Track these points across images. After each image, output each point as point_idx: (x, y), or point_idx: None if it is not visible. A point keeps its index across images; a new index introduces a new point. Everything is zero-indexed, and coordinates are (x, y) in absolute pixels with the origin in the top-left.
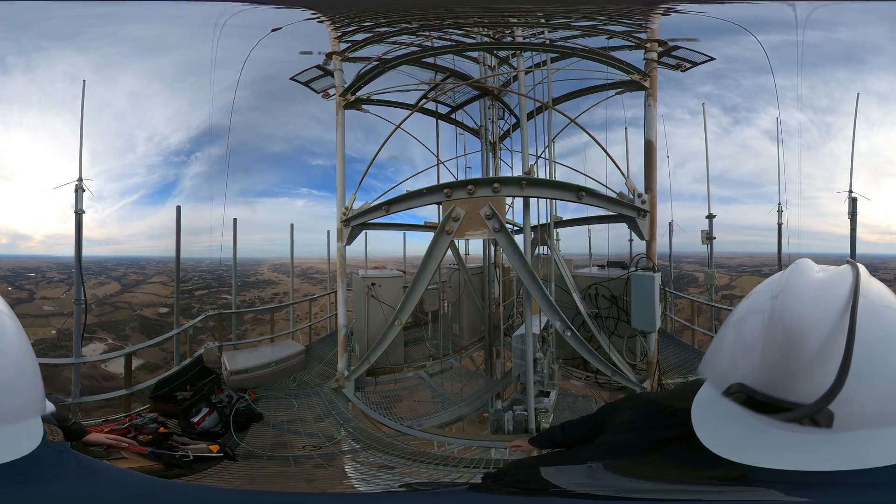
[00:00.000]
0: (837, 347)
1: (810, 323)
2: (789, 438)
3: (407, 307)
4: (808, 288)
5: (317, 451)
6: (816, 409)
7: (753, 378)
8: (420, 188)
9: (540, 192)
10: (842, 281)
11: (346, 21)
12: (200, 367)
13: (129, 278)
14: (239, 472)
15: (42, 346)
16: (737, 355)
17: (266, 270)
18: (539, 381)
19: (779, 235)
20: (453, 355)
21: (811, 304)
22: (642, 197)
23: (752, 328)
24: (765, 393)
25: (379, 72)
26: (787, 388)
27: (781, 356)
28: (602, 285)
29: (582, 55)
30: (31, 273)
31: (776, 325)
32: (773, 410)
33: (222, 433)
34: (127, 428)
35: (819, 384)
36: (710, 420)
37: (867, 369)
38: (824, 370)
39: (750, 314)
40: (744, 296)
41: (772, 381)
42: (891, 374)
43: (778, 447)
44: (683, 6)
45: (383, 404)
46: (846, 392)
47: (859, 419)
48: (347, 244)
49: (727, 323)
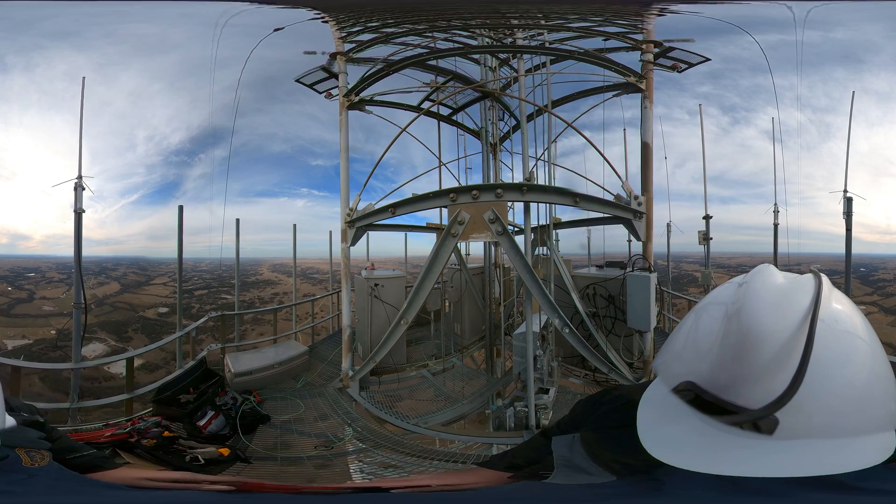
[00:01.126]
0: (793, 356)
1: (768, 329)
2: (726, 442)
3: (413, 306)
4: (769, 293)
5: (329, 450)
6: (763, 414)
7: (704, 378)
8: (427, 192)
9: (539, 198)
10: (803, 289)
11: (352, 21)
12: (203, 370)
13: (129, 279)
14: (250, 474)
15: (41, 346)
16: (691, 354)
17: (266, 270)
18: (539, 378)
19: (775, 235)
20: (455, 354)
21: (770, 309)
22: (638, 199)
23: (709, 328)
24: (714, 394)
25: (384, 74)
26: (736, 391)
27: (735, 359)
28: (600, 285)
29: (579, 58)
30: (31, 273)
31: (734, 327)
32: (720, 412)
33: (230, 436)
34: (129, 432)
35: (770, 391)
36: (654, 416)
37: (820, 380)
38: (777, 377)
39: (708, 314)
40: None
41: (723, 382)
42: (841, 388)
43: (712, 451)
44: (678, 6)
45: (388, 403)
46: (796, 401)
47: (804, 429)
48: (351, 245)
49: (685, 321)
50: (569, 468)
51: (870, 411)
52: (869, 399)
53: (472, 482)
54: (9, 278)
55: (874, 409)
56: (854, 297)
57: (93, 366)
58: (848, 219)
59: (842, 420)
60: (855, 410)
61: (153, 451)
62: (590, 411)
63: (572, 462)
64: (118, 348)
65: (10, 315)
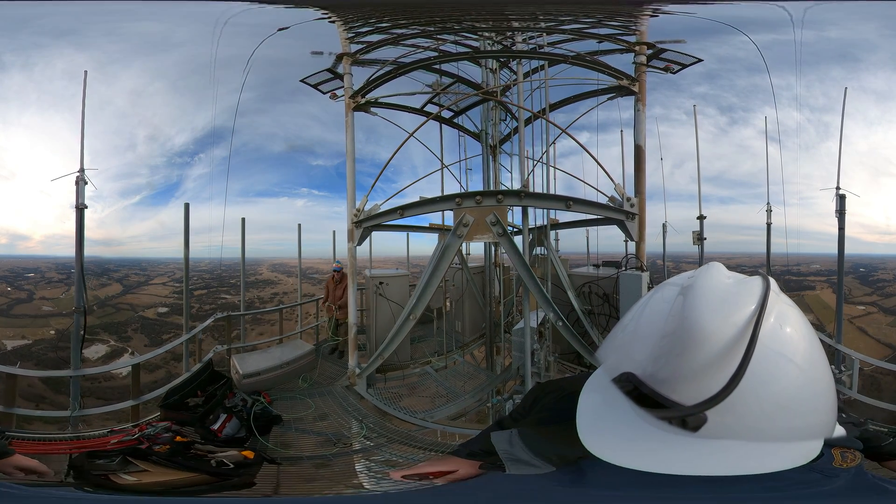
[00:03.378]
0: (732, 358)
1: (710, 329)
2: (655, 437)
3: (421, 302)
4: (715, 293)
5: (347, 447)
6: (695, 411)
7: (645, 371)
8: (434, 196)
9: (535, 203)
10: (750, 292)
11: (361, 22)
12: (210, 372)
13: (130, 279)
14: (270, 477)
15: (41, 346)
16: (634, 346)
17: (265, 270)
18: (536, 372)
19: (768, 235)
20: (457, 351)
21: (714, 310)
22: (631, 201)
23: (653, 322)
24: (651, 387)
25: (392, 76)
26: (673, 386)
27: (676, 355)
28: (595, 283)
29: (573, 62)
30: (31, 273)
31: (677, 323)
32: (655, 406)
33: (247, 438)
34: (138, 439)
35: (705, 389)
36: (594, 404)
37: (757, 383)
38: (713, 377)
39: (654, 307)
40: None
41: (661, 377)
42: (777, 393)
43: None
44: (670, 6)
45: (394, 400)
46: (729, 401)
47: (731, 430)
48: (358, 245)
49: (631, 312)
50: (515, 461)
51: (799, 419)
52: (798, 408)
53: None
54: (8, 278)
55: (803, 419)
56: (854, 297)
57: (92, 373)
58: (840, 216)
59: (770, 425)
60: (784, 416)
61: (171, 458)
62: (536, 401)
63: (514, 455)
64: (118, 348)
65: (10, 315)
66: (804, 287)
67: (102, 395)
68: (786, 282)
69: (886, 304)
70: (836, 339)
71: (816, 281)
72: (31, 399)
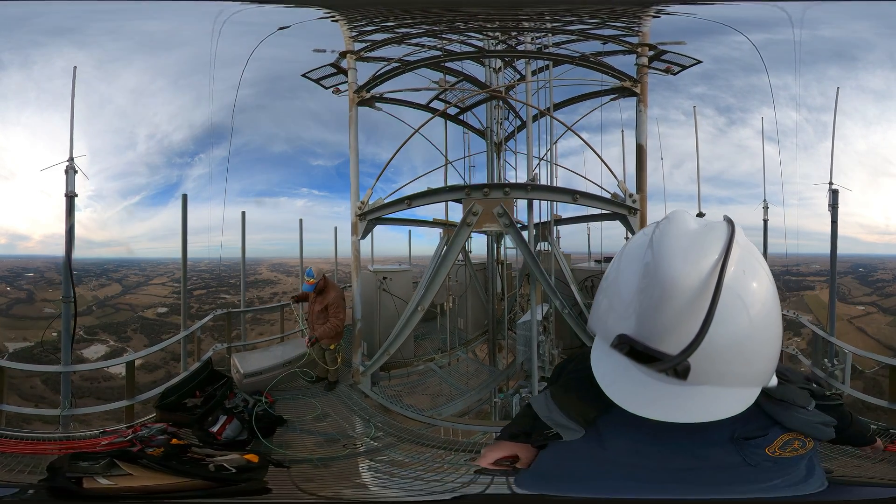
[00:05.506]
0: (704, 302)
1: (680, 276)
2: (656, 388)
3: (430, 293)
4: (682, 240)
5: (357, 448)
6: (677, 361)
7: (633, 329)
8: (442, 186)
9: (542, 196)
10: (715, 235)
11: (365, 21)
12: (209, 371)
13: (129, 280)
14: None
15: (42, 348)
16: (618, 307)
17: (265, 270)
18: (541, 366)
19: (764, 232)
20: (460, 348)
21: (682, 257)
22: (633, 197)
23: (629, 280)
24: (644, 343)
25: (398, 72)
26: (661, 338)
27: (654, 308)
28: (597, 278)
29: (578, 63)
30: (30, 273)
31: (650, 277)
32: (650, 361)
33: (248, 441)
34: (130, 440)
35: (686, 337)
36: (607, 371)
37: (716, 323)
38: (690, 324)
39: (626, 265)
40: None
41: (648, 332)
42: (730, 334)
43: (651, 396)
44: (672, 7)
45: (399, 397)
46: (703, 348)
47: (709, 375)
48: (362, 238)
49: (606, 275)
50: (558, 425)
51: (743, 365)
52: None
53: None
54: (7, 279)
55: (747, 364)
56: (853, 297)
57: (84, 370)
58: (833, 210)
59: (724, 368)
60: (733, 361)
61: (163, 462)
62: (561, 371)
63: (554, 419)
64: (118, 348)
65: (10, 315)
66: (803, 287)
67: (102, 396)
68: (785, 282)
69: (886, 305)
70: (829, 332)
71: (816, 281)
72: (31, 399)
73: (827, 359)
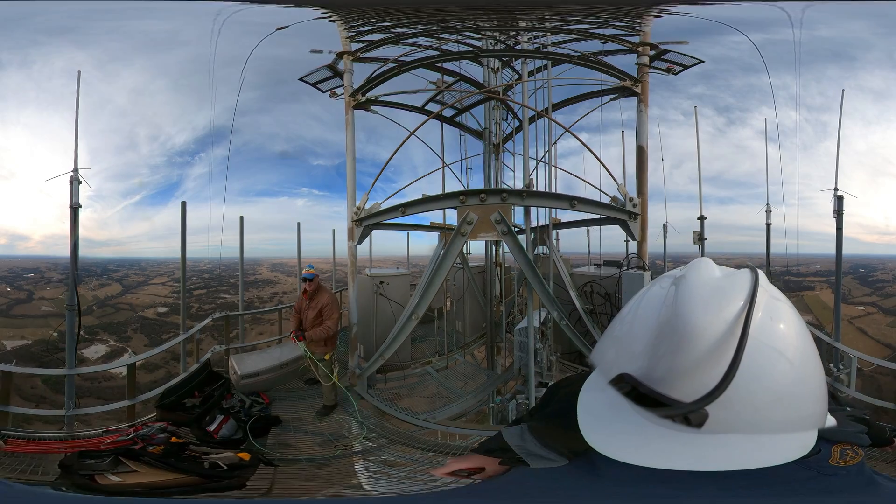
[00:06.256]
0: (726, 352)
1: (702, 324)
2: (658, 435)
3: (424, 301)
4: (705, 288)
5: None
6: (695, 408)
7: (641, 370)
8: (437, 194)
9: (539, 202)
10: (739, 285)
11: (362, 21)
12: (208, 372)
13: (129, 279)
14: (280, 477)
15: (42, 348)
16: (628, 346)
17: (265, 270)
18: (538, 371)
19: (767, 235)
20: (457, 351)
21: (705, 305)
22: (633, 201)
23: (645, 320)
24: (649, 386)
25: (393, 74)
26: (671, 384)
27: (670, 353)
28: (597, 283)
29: (577, 62)
30: (30, 273)
31: (669, 321)
32: (654, 405)
33: (243, 440)
34: (133, 439)
35: (702, 385)
36: (594, 407)
37: (750, 377)
38: (709, 372)
39: (645, 306)
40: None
41: (658, 375)
42: (771, 385)
43: (646, 443)
44: (675, 7)
45: (395, 400)
46: (726, 396)
47: (732, 425)
48: (358, 243)
49: (622, 312)
50: (529, 455)
51: (793, 411)
52: (791, 400)
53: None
54: (7, 279)
55: (797, 410)
56: (853, 297)
57: (87, 372)
58: (839, 217)
59: (766, 417)
60: (779, 409)
61: (163, 459)
62: (551, 397)
63: (527, 449)
64: (118, 348)
65: (10, 315)
66: (804, 287)
67: (102, 395)
68: (785, 282)
69: (886, 305)
70: (835, 337)
71: (816, 281)
72: (32, 399)
73: (832, 363)
